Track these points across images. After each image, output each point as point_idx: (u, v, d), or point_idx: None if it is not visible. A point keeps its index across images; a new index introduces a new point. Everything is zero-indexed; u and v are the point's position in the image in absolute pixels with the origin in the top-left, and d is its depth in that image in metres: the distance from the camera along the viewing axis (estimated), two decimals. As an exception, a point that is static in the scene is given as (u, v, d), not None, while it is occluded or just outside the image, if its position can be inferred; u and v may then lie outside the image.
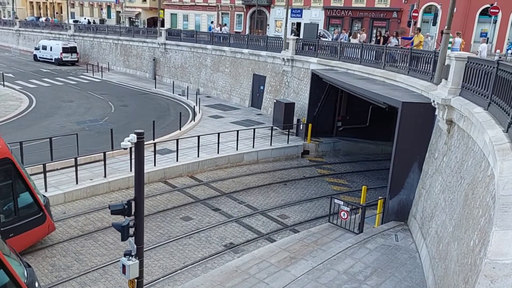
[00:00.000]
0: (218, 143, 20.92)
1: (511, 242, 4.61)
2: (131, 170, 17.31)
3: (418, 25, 32.81)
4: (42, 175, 15.48)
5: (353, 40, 25.24)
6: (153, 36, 42.70)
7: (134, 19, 65.89)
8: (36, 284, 8.77)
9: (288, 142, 23.60)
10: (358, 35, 26.01)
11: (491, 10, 28.87)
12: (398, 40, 22.18)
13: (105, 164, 17.19)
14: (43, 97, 32.17)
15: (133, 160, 9.81)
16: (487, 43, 30.36)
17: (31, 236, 12.27)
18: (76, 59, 50.41)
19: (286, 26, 30.41)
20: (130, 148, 7.78)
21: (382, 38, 23.68)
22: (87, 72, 44.63)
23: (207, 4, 55.56)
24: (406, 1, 38.31)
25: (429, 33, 31.19)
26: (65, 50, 49.43)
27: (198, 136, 20.55)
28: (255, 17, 48.76)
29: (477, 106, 10.76)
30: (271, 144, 22.85)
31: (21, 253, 10.93)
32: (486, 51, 20.70)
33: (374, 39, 25.78)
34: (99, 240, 13.68)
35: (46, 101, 31.15)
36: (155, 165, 18.76)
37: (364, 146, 25.27)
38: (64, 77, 41.66)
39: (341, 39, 26.40)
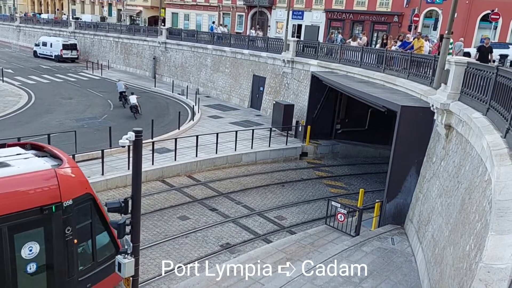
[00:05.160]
0: (217, 143, 20.91)
1: (506, 246, 4.62)
2: (128, 168, 17.27)
3: (419, 30, 32.87)
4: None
5: (352, 43, 25.24)
6: (153, 35, 42.71)
7: (135, 18, 65.90)
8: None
9: (286, 144, 23.61)
10: (358, 38, 26.00)
11: (492, 16, 28.96)
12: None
13: (102, 162, 17.18)
14: (42, 94, 32.12)
15: (131, 158, 9.79)
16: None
17: (109, 283, 9.85)
18: (76, 56, 50.39)
19: (287, 27, 30.44)
20: (128, 146, 7.77)
21: (388, 41, 23.18)
22: (87, 69, 44.61)
23: (208, 4, 55.62)
24: (407, 5, 38.41)
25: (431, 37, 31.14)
26: (65, 47, 49.42)
27: (197, 136, 20.54)
28: (256, 18, 48.80)
29: (475, 111, 10.78)
30: (269, 146, 22.84)
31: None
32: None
33: (379, 42, 25.43)
34: (95, 237, 13.66)
35: (45, 97, 31.11)
36: (153, 163, 18.76)
37: (362, 149, 25.30)
38: (63, 74, 41.61)
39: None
